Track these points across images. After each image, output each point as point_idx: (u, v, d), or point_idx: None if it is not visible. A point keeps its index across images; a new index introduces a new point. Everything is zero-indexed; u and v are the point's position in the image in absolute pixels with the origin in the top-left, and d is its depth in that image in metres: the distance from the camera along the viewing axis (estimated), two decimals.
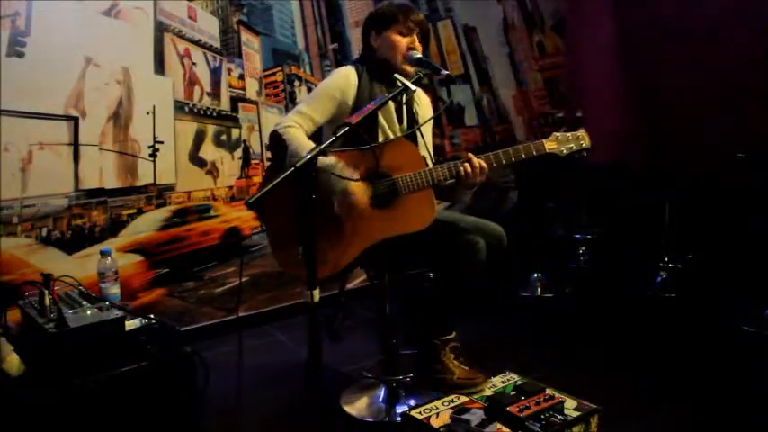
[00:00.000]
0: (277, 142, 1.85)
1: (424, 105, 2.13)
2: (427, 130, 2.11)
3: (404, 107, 2.02)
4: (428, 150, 2.02)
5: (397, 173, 1.83)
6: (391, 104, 1.98)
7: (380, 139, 1.94)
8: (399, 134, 2.00)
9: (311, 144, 1.86)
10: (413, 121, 2.02)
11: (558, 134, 1.89)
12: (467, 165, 1.81)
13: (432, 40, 3.79)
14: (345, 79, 1.95)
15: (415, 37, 1.96)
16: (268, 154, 3.04)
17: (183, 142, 2.83)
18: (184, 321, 2.81)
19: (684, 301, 3.06)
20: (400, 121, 2.02)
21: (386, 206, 1.85)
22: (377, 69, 1.98)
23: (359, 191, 1.82)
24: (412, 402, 2.01)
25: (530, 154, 1.86)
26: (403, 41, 1.94)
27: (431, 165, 1.89)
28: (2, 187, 2.33)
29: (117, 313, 1.69)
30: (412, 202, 1.83)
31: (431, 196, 1.84)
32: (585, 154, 1.94)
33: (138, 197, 2.71)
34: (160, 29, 2.73)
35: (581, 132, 1.89)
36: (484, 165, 1.82)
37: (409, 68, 1.93)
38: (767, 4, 3.16)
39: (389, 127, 1.99)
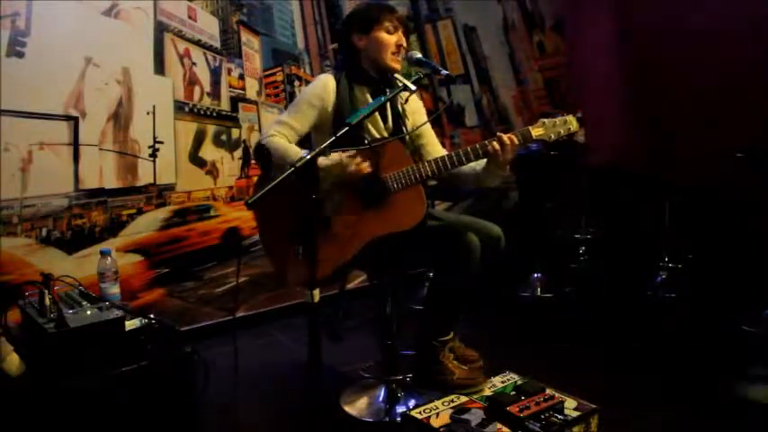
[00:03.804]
0: (261, 154, 1.87)
1: (414, 102, 2.13)
2: (426, 126, 2.11)
3: (388, 106, 2.02)
4: (423, 145, 2.03)
5: (386, 172, 1.84)
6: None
7: (365, 140, 1.94)
8: (385, 134, 2.00)
9: (296, 148, 1.87)
10: (398, 119, 2.03)
11: (545, 120, 1.88)
12: (494, 143, 1.81)
13: (432, 40, 3.82)
14: (323, 86, 1.96)
15: (401, 33, 1.98)
16: None
17: (183, 142, 2.83)
18: (184, 321, 2.81)
19: (684, 301, 3.06)
20: (384, 121, 2.02)
21: (376, 205, 1.86)
22: (359, 72, 1.99)
23: (353, 196, 1.85)
24: (412, 402, 2.01)
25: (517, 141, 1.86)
26: (391, 39, 1.96)
27: (445, 156, 1.87)
28: (2, 187, 2.33)
29: (117, 313, 1.70)
30: (402, 200, 1.84)
31: (420, 193, 1.85)
32: (576, 138, 1.94)
33: (138, 197, 2.71)
34: (160, 29, 2.73)
35: (568, 117, 1.89)
36: (515, 139, 1.82)
37: (396, 65, 1.96)
38: (767, 4, 3.16)
39: (374, 127, 2.00)
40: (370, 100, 1.97)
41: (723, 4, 3.30)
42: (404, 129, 2.00)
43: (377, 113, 1.99)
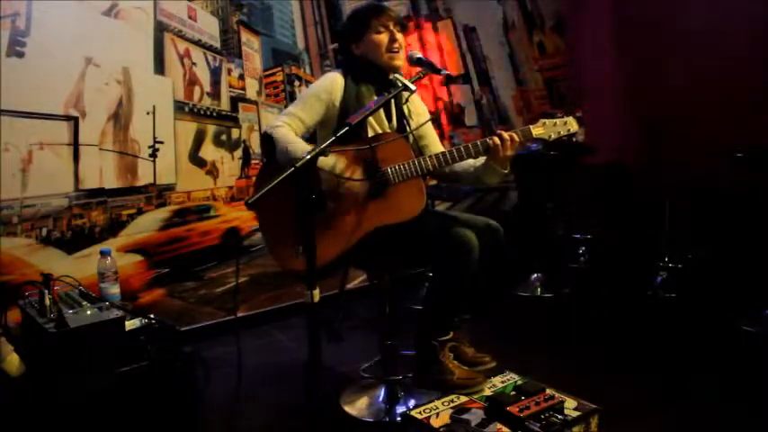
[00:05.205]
0: (268, 143, 1.88)
1: (416, 102, 2.14)
2: (428, 126, 2.14)
3: (392, 105, 2.03)
4: (426, 146, 2.04)
5: (387, 164, 1.86)
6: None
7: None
8: (389, 131, 2.01)
9: (300, 140, 1.89)
10: (402, 118, 2.04)
11: (545, 120, 1.91)
12: (495, 138, 1.83)
13: (432, 40, 3.81)
14: (331, 81, 1.98)
15: (393, 30, 1.98)
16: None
17: (183, 142, 2.83)
18: (184, 321, 2.81)
19: (684, 301, 3.06)
20: (389, 119, 2.03)
21: (377, 197, 1.87)
22: (362, 72, 2.00)
23: (355, 188, 1.86)
24: (412, 402, 2.01)
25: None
26: (383, 38, 1.97)
27: (446, 151, 1.88)
28: (2, 187, 2.33)
29: (117, 313, 1.70)
30: (402, 191, 1.86)
31: (420, 185, 1.87)
32: (574, 139, 1.96)
33: (138, 197, 2.71)
34: (160, 29, 2.73)
35: (568, 118, 1.92)
36: (515, 137, 1.84)
37: (396, 62, 1.97)
38: (767, 4, 3.16)
39: (378, 125, 2.01)
40: (376, 98, 1.97)
41: (722, 4, 3.30)
42: (407, 128, 2.01)
43: (381, 112, 2.00)
